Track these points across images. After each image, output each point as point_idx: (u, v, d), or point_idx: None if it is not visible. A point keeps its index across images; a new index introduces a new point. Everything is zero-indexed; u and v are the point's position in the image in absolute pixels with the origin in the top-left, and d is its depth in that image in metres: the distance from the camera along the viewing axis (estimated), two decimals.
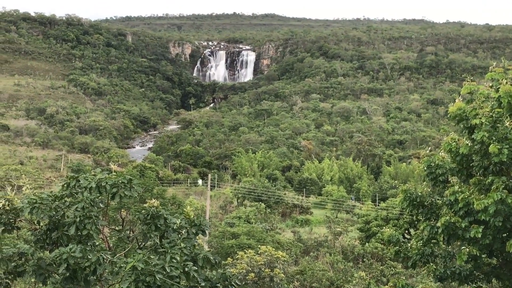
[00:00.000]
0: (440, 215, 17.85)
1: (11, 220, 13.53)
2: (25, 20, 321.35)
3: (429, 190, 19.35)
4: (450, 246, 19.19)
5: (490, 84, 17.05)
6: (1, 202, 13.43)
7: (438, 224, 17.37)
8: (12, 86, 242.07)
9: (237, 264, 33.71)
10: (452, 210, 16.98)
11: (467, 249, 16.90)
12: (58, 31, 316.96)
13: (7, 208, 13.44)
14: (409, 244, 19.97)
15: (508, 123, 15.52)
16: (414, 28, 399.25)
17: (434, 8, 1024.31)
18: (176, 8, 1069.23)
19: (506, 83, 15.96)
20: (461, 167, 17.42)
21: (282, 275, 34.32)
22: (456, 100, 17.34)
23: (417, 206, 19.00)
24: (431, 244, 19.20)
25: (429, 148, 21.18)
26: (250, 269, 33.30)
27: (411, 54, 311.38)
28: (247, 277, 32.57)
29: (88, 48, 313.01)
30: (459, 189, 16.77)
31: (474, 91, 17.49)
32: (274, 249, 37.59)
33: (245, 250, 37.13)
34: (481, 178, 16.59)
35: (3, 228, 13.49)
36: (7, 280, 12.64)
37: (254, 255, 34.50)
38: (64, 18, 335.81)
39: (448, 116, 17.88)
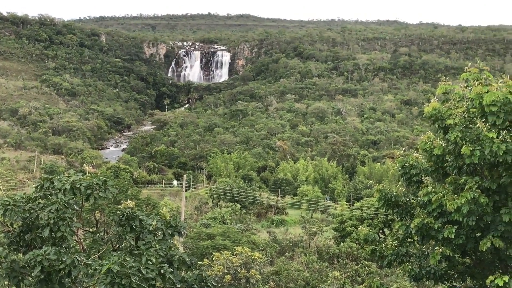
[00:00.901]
0: (414, 215, 17.97)
1: None
2: None
3: (403, 190, 19.47)
4: (424, 246, 19.34)
5: (465, 85, 17.19)
6: None
7: (412, 225, 17.47)
8: None
9: (214, 266, 33.63)
10: (426, 210, 17.10)
11: (440, 250, 17.01)
12: (30, 31, 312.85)
13: None
14: (384, 244, 20.10)
15: (480, 124, 15.66)
16: (387, 29, 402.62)
17: (407, 9, 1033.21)
18: (150, 8, 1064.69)
19: (478, 84, 16.08)
20: (436, 166, 17.54)
21: (258, 276, 34.32)
22: (432, 100, 17.44)
23: (392, 205, 19.12)
24: (407, 244, 19.33)
25: (404, 148, 21.33)
26: (227, 270, 33.23)
27: (385, 55, 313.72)
28: (223, 280, 32.49)
29: (61, 48, 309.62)
30: (433, 190, 16.87)
31: (450, 91, 17.62)
32: (250, 250, 37.57)
33: (221, 251, 37.06)
34: (457, 177, 16.72)
35: None
36: None
37: (230, 256, 34.45)
38: (36, 18, 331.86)
39: (424, 116, 17.91)
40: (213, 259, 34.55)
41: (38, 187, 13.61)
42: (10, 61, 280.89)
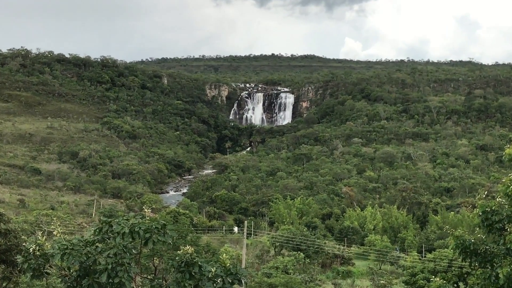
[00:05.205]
0: (495, 264, 17.19)
1: (41, 266, 13.28)
2: (60, 61, 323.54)
3: (483, 237, 18.35)
4: None
5: None
6: (31, 247, 13.26)
7: (500, 275, 16.59)
8: (45, 129, 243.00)
9: None
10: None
11: None
12: (92, 72, 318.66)
13: (37, 253, 13.23)
14: None
15: None
16: (461, 70, 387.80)
17: (482, 49, 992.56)
18: (212, 49, 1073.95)
19: None
20: None
21: None
22: None
23: (470, 254, 17.91)
24: None
25: (485, 192, 20.29)
26: None
27: (459, 97, 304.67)
28: None
29: (123, 90, 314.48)
30: None
31: None
32: None
33: None
34: None
35: (32, 273, 13.29)
36: None
37: None
38: (99, 59, 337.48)
39: (503, 158, 17.50)
40: None
41: (97, 230, 13.47)
42: (72, 103, 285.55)
